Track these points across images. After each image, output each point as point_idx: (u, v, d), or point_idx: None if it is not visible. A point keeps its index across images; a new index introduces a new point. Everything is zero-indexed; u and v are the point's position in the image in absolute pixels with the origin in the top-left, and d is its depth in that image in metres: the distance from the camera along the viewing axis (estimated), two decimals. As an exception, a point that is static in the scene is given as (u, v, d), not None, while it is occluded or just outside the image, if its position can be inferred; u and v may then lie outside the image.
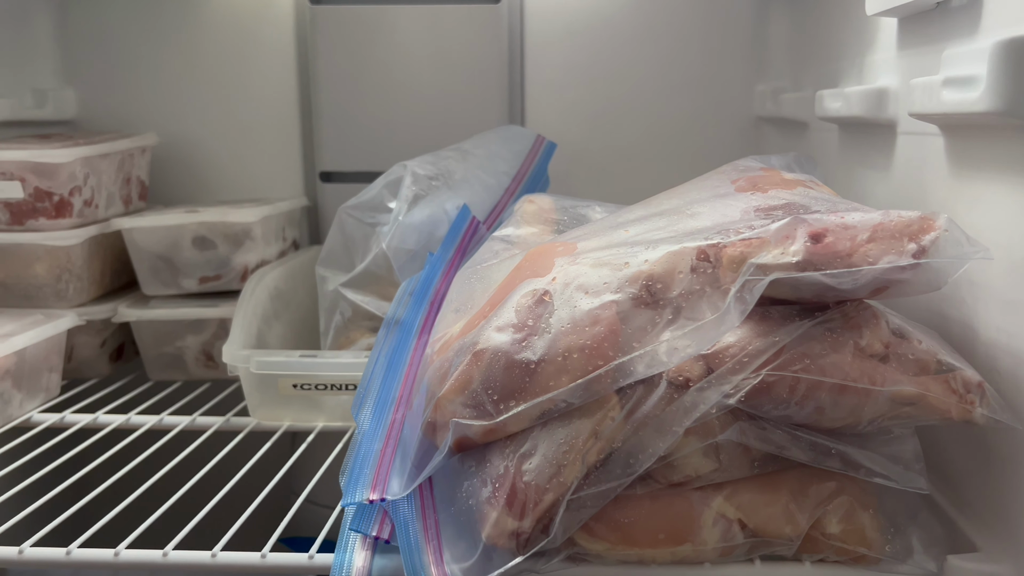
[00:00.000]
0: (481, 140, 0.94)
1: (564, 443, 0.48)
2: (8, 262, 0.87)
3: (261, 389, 0.77)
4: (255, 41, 1.09)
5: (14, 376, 0.77)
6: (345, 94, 1.06)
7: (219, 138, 1.11)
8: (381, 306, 0.78)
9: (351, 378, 0.74)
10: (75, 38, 1.10)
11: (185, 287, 0.91)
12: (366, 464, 0.52)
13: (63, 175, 0.85)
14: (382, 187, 0.79)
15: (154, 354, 0.91)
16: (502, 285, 0.55)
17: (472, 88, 1.06)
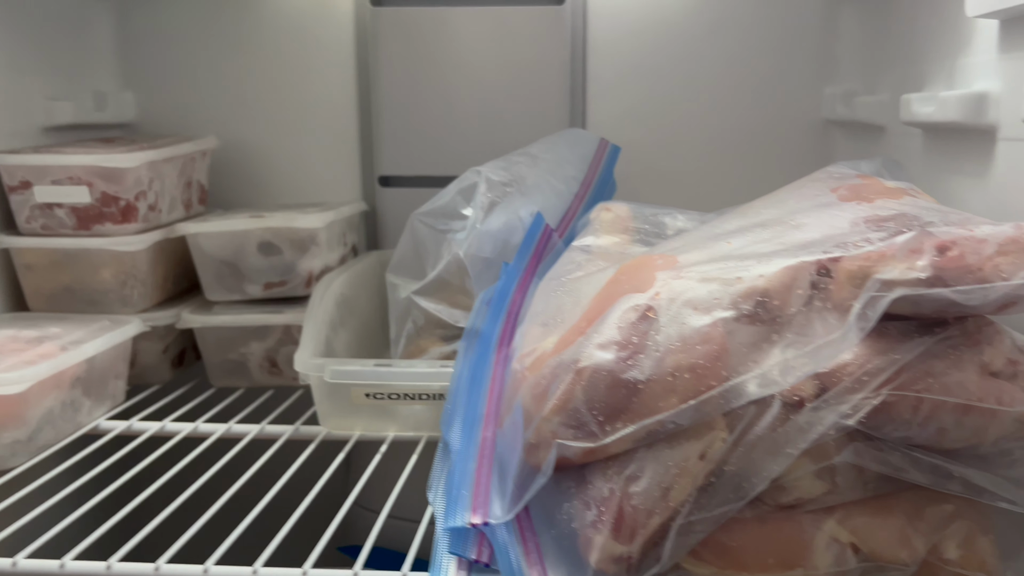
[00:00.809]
0: (547, 144, 0.92)
1: (673, 465, 0.46)
2: (74, 267, 0.86)
3: (333, 398, 0.75)
4: (314, 43, 1.08)
5: (84, 383, 0.76)
6: (405, 97, 1.05)
7: (277, 141, 1.10)
8: (453, 314, 0.76)
9: (425, 388, 0.73)
10: (134, 41, 1.10)
11: (250, 293, 0.90)
12: (464, 485, 0.51)
13: (129, 180, 0.84)
14: (455, 193, 0.77)
15: (217, 360, 0.91)
16: (597, 299, 0.53)
17: (533, 91, 1.04)
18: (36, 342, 0.74)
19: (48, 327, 0.79)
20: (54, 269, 0.86)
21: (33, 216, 0.85)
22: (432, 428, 0.75)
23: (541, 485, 0.47)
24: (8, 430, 0.67)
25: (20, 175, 0.84)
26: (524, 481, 0.48)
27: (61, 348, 0.74)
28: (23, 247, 0.86)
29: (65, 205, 0.84)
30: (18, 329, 0.78)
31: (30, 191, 0.84)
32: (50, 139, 0.96)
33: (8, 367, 0.67)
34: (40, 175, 0.84)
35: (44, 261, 0.86)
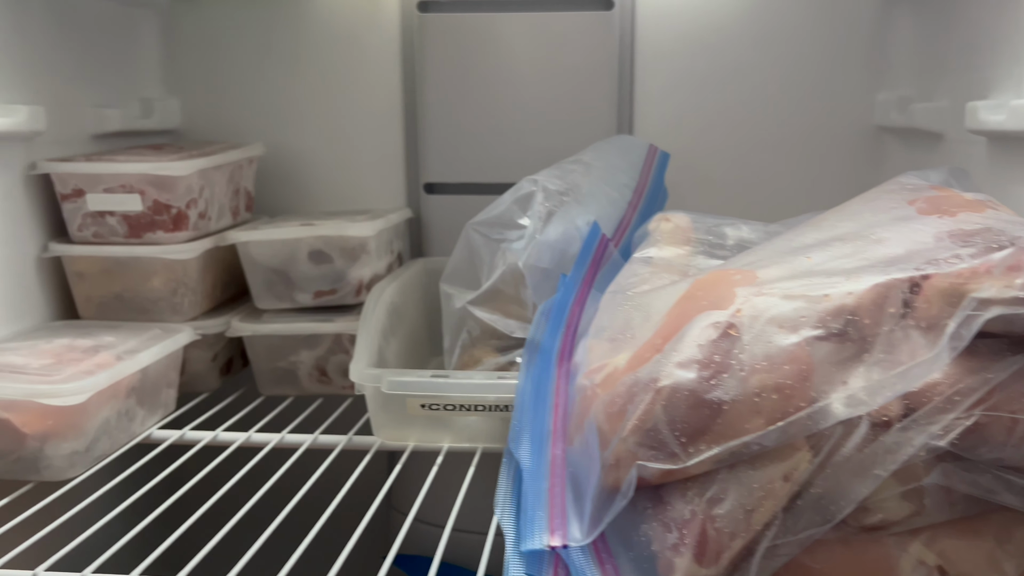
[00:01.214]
0: (598, 151, 0.91)
1: (759, 488, 0.45)
2: (125, 275, 0.86)
3: (388, 408, 0.75)
4: (360, 49, 1.07)
5: (138, 393, 0.76)
6: (451, 103, 1.05)
7: (321, 148, 1.10)
8: (508, 324, 0.76)
9: (481, 399, 0.72)
10: (179, 48, 1.10)
11: (300, 301, 0.90)
12: (538, 505, 0.50)
13: (181, 188, 0.84)
14: (511, 203, 0.76)
15: (267, 368, 0.90)
16: (672, 315, 0.52)
17: (581, 97, 1.03)
18: (92, 351, 0.74)
19: (102, 336, 0.79)
20: (105, 277, 0.86)
21: (85, 224, 0.85)
22: (487, 439, 0.75)
23: (622, 507, 0.46)
24: (67, 441, 0.67)
25: (73, 183, 0.84)
26: (603, 503, 0.47)
27: (117, 357, 0.73)
28: (75, 255, 0.86)
29: (117, 213, 0.84)
30: (72, 338, 0.78)
31: (83, 199, 0.84)
32: (98, 146, 0.96)
33: (67, 377, 0.67)
34: (93, 183, 0.84)
35: (95, 269, 0.86)
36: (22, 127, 0.80)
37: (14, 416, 0.65)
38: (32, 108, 0.81)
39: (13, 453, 0.66)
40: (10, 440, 0.66)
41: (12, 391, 0.65)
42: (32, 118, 0.81)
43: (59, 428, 0.66)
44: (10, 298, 0.82)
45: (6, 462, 0.67)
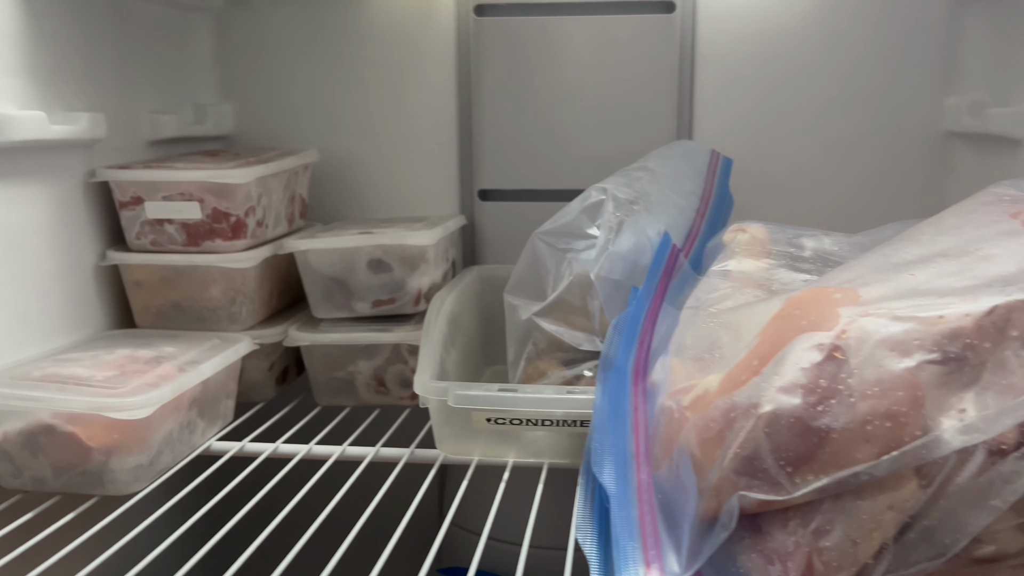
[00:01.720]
0: (661, 157, 0.89)
1: (868, 519, 0.43)
2: (184, 284, 0.85)
3: (452, 422, 0.73)
4: (415, 54, 1.06)
5: (199, 404, 0.75)
6: (507, 109, 1.03)
7: (375, 154, 1.09)
8: (575, 336, 0.74)
9: (549, 414, 0.70)
10: (232, 52, 1.09)
11: (358, 311, 0.88)
12: (630, 535, 0.48)
13: (240, 195, 0.83)
14: (579, 212, 0.74)
15: (324, 378, 0.89)
16: (767, 335, 0.50)
17: (640, 102, 1.01)
18: (154, 362, 0.73)
19: (162, 346, 0.78)
20: (163, 286, 0.85)
21: (143, 232, 0.85)
22: (553, 455, 0.73)
23: (723, 539, 0.44)
24: (132, 455, 0.66)
25: (132, 191, 0.83)
26: (702, 534, 0.45)
27: (179, 369, 0.72)
28: (133, 263, 0.85)
29: (176, 221, 0.83)
30: (133, 348, 0.77)
31: (141, 207, 0.84)
32: (153, 153, 0.96)
33: (132, 390, 0.66)
34: (152, 191, 0.83)
35: (153, 278, 0.85)
36: (83, 134, 0.79)
37: (80, 429, 0.64)
38: (93, 115, 0.81)
39: (78, 467, 0.66)
40: (75, 454, 0.65)
41: (78, 404, 0.64)
42: (93, 125, 0.80)
43: (124, 442, 0.65)
44: (69, 307, 0.81)
45: (70, 476, 0.66)
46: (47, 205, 0.78)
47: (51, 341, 0.79)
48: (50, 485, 0.67)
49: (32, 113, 0.72)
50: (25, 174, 0.75)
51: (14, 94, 0.73)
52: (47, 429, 0.65)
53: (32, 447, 0.65)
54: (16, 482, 0.67)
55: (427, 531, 0.68)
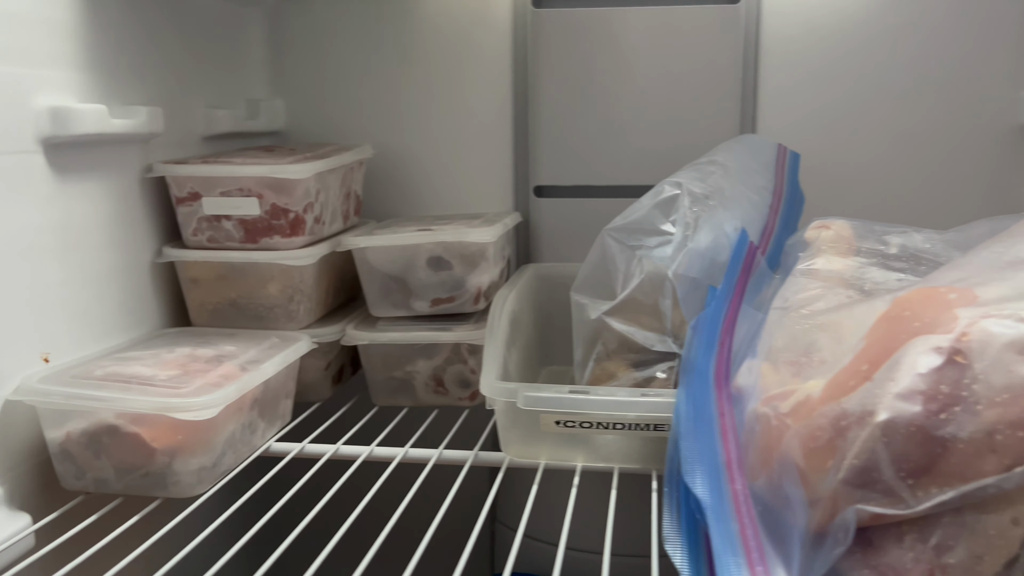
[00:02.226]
0: (729, 151, 0.86)
1: (995, 535, 0.40)
2: (241, 281, 0.84)
3: (519, 424, 0.71)
4: (470, 48, 1.04)
5: (260, 405, 0.73)
6: (565, 103, 1.00)
7: (428, 149, 1.07)
8: (647, 337, 0.71)
9: (621, 417, 0.68)
10: (285, 47, 1.08)
11: (416, 309, 0.86)
12: (732, 549, 0.45)
13: (299, 191, 0.81)
14: (652, 207, 0.72)
15: (382, 378, 0.87)
16: (874, 338, 0.47)
17: (703, 95, 0.98)
18: (215, 361, 0.71)
19: (221, 344, 0.77)
20: (220, 283, 0.84)
21: (200, 228, 0.83)
22: (624, 459, 0.70)
23: (840, 556, 0.41)
24: (196, 456, 0.64)
25: (189, 186, 0.82)
26: (814, 549, 0.43)
27: (241, 368, 0.71)
28: (190, 260, 0.83)
29: (233, 217, 0.82)
30: (193, 347, 0.75)
31: (198, 203, 0.82)
32: (208, 148, 0.94)
33: (197, 390, 0.64)
34: (210, 186, 0.81)
35: (210, 275, 0.84)
36: (141, 129, 0.78)
37: (144, 430, 0.63)
38: (151, 109, 0.79)
39: (141, 468, 0.64)
40: (139, 455, 0.64)
41: (143, 404, 0.62)
42: (151, 119, 0.79)
43: (189, 443, 0.64)
44: (127, 305, 0.80)
45: (133, 477, 0.65)
46: (105, 201, 0.77)
47: (109, 339, 0.77)
48: (112, 487, 0.65)
49: (94, 106, 0.71)
50: (85, 169, 0.73)
51: (75, 87, 0.72)
52: (111, 430, 0.63)
53: (95, 448, 0.64)
54: (79, 483, 0.66)
55: (470, 533, 0.66)
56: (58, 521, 0.64)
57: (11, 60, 0.65)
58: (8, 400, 0.64)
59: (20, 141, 0.66)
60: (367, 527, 0.65)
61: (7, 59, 0.65)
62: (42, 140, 0.68)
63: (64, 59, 0.71)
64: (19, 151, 0.66)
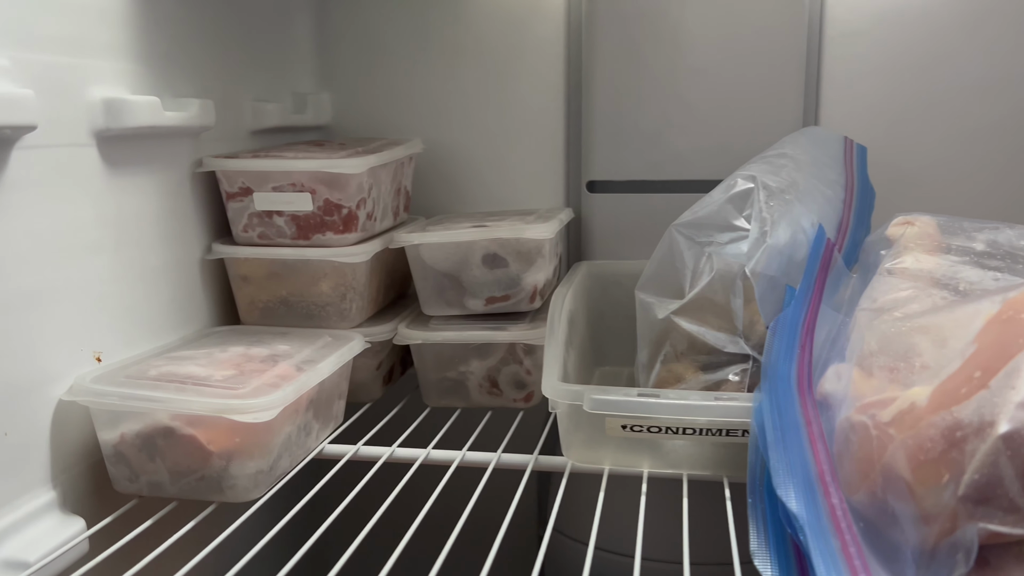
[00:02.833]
0: (795, 144, 0.82)
1: None
2: (293, 278, 0.82)
3: (583, 428, 0.68)
4: (522, 39, 1.01)
5: (315, 406, 0.71)
6: (620, 94, 0.97)
7: (477, 144, 1.04)
8: (718, 337, 0.68)
9: (692, 422, 0.65)
10: (332, 39, 1.06)
11: (470, 308, 0.84)
12: (836, 568, 0.42)
13: (352, 186, 0.79)
14: (724, 202, 0.69)
15: (434, 378, 0.85)
16: (986, 342, 0.44)
17: (765, 86, 0.95)
18: (270, 361, 0.69)
19: (274, 343, 0.75)
20: (271, 280, 0.82)
21: (251, 224, 0.81)
22: (692, 465, 0.67)
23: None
24: (254, 459, 0.62)
25: (240, 181, 0.80)
26: (929, 570, 0.40)
27: (297, 368, 0.69)
28: (241, 257, 0.82)
29: (285, 213, 0.80)
30: (246, 346, 0.73)
31: (249, 198, 0.80)
32: (255, 143, 0.92)
33: (254, 391, 0.62)
34: (261, 181, 0.79)
35: (261, 272, 0.82)
36: (193, 121, 0.76)
37: (200, 432, 0.61)
38: (203, 102, 0.77)
39: (197, 472, 0.62)
40: (195, 458, 0.62)
41: (200, 406, 0.60)
42: (203, 112, 0.77)
43: (246, 446, 0.62)
44: (177, 302, 0.78)
45: (188, 481, 0.63)
46: (156, 196, 0.75)
47: (159, 337, 0.76)
48: (167, 490, 0.63)
49: (147, 98, 0.69)
50: (137, 163, 0.72)
51: (127, 78, 0.70)
52: (166, 431, 0.61)
53: (150, 450, 0.62)
54: (132, 486, 0.64)
55: (516, 538, 0.63)
56: (111, 525, 0.62)
57: (66, 50, 0.63)
58: (61, 400, 0.63)
59: (74, 134, 0.64)
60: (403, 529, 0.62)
61: (62, 49, 0.63)
62: (95, 133, 0.66)
63: (117, 50, 0.69)
64: (73, 144, 0.64)
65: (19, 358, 0.59)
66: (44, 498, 0.61)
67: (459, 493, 0.68)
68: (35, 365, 0.61)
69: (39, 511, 0.61)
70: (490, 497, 0.68)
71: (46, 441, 0.62)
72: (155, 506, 0.63)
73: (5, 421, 0.58)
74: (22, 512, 0.59)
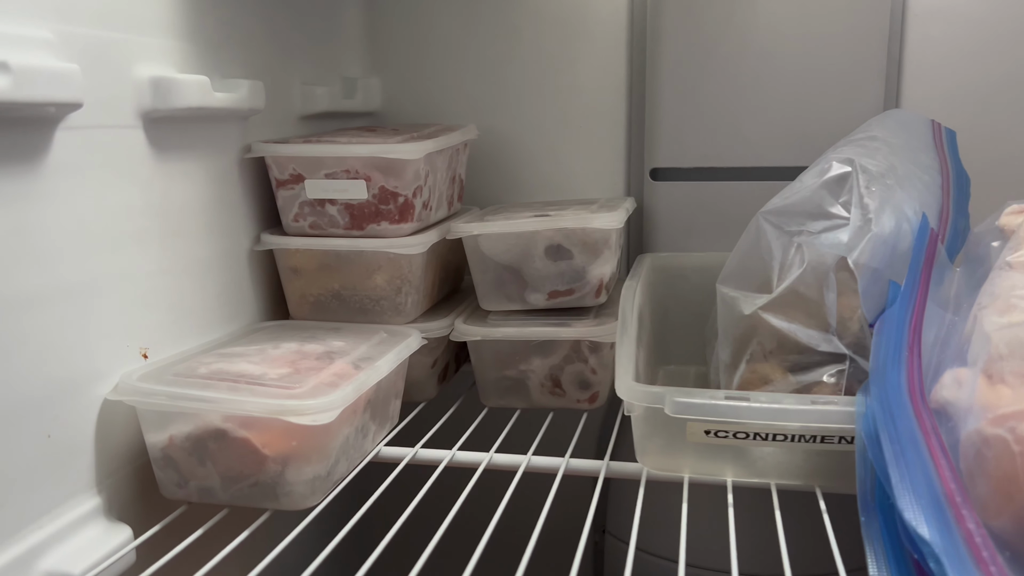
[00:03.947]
0: (881, 126, 0.76)
1: None
2: (346, 271, 0.77)
3: (661, 433, 0.63)
4: (581, 20, 0.96)
5: (373, 406, 0.67)
6: (687, 76, 0.92)
7: (532, 130, 0.99)
8: (811, 336, 0.63)
9: (783, 428, 0.59)
10: (382, 23, 1.01)
11: (531, 302, 0.79)
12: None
13: (409, 173, 0.74)
14: (818, 187, 0.63)
15: (493, 377, 0.80)
16: None
17: (844, 68, 0.89)
18: (326, 359, 0.65)
19: (328, 340, 0.70)
20: (323, 273, 0.78)
21: (302, 214, 0.77)
22: (781, 474, 0.62)
23: None
24: (311, 465, 0.58)
25: (291, 168, 0.75)
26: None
27: (354, 366, 0.64)
28: (292, 248, 0.77)
29: (339, 202, 0.75)
30: (300, 342, 0.69)
31: (301, 186, 0.76)
32: (305, 129, 0.88)
33: (312, 391, 0.58)
34: (313, 168, 0.75)
35: (312, 264, 0.78)
36: (242, 104, 0.72)
37: (255, 435, 0.57)
38: (253, 83, 0.73)
39: (251, 477, 0.58)
40: (249, 462, 0.57)
41: (255, 407, 0.56)
42: (253, 94, 0.73)
43: (303, 449, 0.57)
44: (225, 295, 0.74)
45: (241, 487, 0.58)
46: (204, 183, 0.71)
47: (207, 333, 0.71)
48: (218, 497, 0.59)
49: (196, 77, 0.65)
50: (184, 147, 0.67)
51: (174, 56, 0.66)
52: (218, 434, 0.57)
53: (200, 454, 0.58)
54: (181, 492, 0.60)
55: (572, 542, 0.59)
56: (159, 534, 0.58)
57: (112, 24, 0.59)
58: (107, 400, 0.59)
59: (121, 114, 0.60)
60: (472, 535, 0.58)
61: (108, 23, 0.59)
62: (143, 114, 0.62)
63: (164, 26, 0.65)
64: (119, 125, 0.60)
65: (62, 355, 0.55)
66: (89, 504, 0.57)
67: (515, 499, 0.63)
68: (78, 362, 0.57)
69: (84, 518, 0.57)
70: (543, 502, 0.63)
71: (91, 443, 0.58)
72: (205, 513, 0.59)
73: (48, 422, 0.54)
74: (67, 519, 0.55)
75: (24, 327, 0.52)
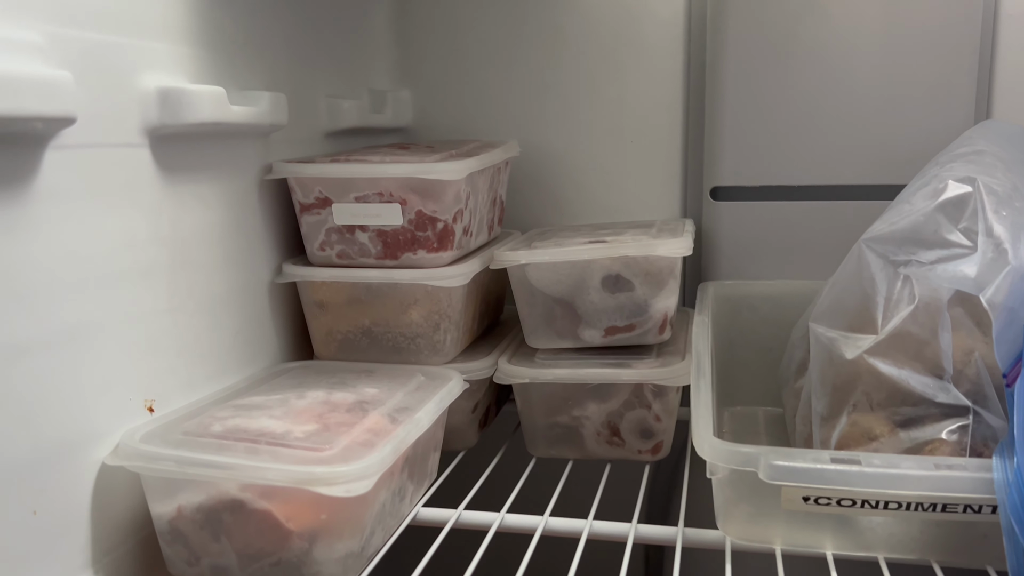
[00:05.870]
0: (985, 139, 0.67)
1: None
2: (378, 305, 0.69)
3: (749, 498, 0.54)
4: (634, 26, 0.87)
5: (411, 464, 0.58)
6: (753, 88, 0.83)
7: (577, 146, 0.91)
8: (926, 384, 0.53)
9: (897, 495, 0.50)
10: (413, 33, 0.93)
11: (586, 340, 0.70)
12: None
13: (449, 196, 0.66)
14: (932, 210, 0.54)
15: (543, 424, 0.71)
16: None
17: (929, 78, 0.80)
18: (358, 410, 0.56)
19: (360, 385, 0.62)
20: (352, 307, 0.69)
21: (329, 242, 0.69)
22: (892, 548, 0.53)
23: None
24: (343, 540, 0.49)
25: (317, 190, 0.67)
26: None
27: (390, 419, 0.55)
28: (317, 280, 0.69)
29: (370, 228, 0.67)
30: (328, 389, 0.60)
31: (327, 210, 0.68)
32: (330, 146, 0.80)
33: (343, 454, 0.49)
34: (342, 190, 0.67)
35: (340, 298, 0.69)
36: (263, 119, 0.63)
37: (277, 507, 0.48)
38: (274, 95, 0.65)
39: (272, 555, 0.49)
40: (270, 538, 0.49)
41: (277, 475, 0.47)
42: (275, 108, 0.65)
43: (334, 523, 0.49)
44: (245, 335, 0.66)
45: (261, 566, 0.50)
46: (219, 208, 0.62)
47: (223, 379, 0.63)
48: (234, 576, 0.50)
49: (211, 88, 0.56)
50: (196, 168, 0.59)
51: (187, 64, 0.58)
52: (234, 505, 0.48)
53: (213, 527, 0.49)
54: (191, 571, 0.51)
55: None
56: (167, 621, 0.49)
57: (113, 27, 0.51)
58: (105, 464, 0.50)
59: (124, 131, 0.52)
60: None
61: (108, 25, 0.50)
62: (149, 130, 0.53)
63: (175, 29, 0.57)
64: (121, 144, 0.51)
65: (52, 412, 0.47)
66: (84, 587, 0.49)
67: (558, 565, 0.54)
68: (72, 420, 0.48)
69: (77, 604, 0.48)
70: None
71: (86, 515, 0.49)
72: (219, 595, 0.51)
73: (35, 495, 0.46)
74: (55, 608, 0.47)
75: (7, 380, 0.44)
